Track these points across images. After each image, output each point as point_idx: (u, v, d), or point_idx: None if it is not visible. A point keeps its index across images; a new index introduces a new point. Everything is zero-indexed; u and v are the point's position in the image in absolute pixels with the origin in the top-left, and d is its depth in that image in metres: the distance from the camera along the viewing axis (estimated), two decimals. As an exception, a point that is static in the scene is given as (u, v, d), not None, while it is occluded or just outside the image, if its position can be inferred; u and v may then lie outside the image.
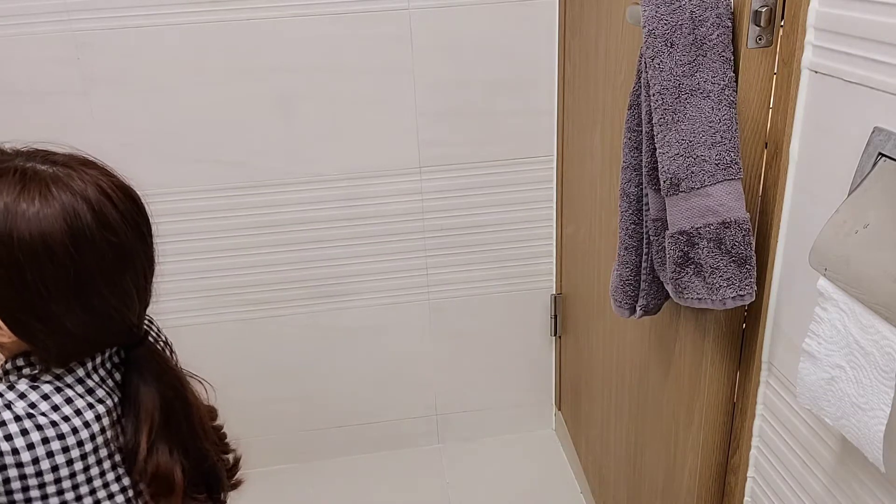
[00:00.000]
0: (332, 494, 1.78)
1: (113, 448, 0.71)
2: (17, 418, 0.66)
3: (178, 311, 1.66)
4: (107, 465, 0.70)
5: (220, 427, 0.88)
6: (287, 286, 1.68)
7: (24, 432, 0.66)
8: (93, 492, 0.69)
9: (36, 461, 0.66)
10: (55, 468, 0.67)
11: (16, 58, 1.42)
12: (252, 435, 1.83)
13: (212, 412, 0.87)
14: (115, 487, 0.71)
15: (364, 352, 1.78)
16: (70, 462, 0.68)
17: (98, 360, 0.73)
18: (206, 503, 0.81)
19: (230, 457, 0.89)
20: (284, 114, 1.53)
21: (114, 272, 0.69)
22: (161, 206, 1.57)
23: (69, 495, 0.68)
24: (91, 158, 0.73)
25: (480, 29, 1.51)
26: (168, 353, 0.87)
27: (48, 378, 0.70)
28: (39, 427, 0.67)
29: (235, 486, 0.89)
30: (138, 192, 0.74)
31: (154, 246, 0.75)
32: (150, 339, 0.79)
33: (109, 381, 0.74)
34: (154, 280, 0.76)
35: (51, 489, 0.67)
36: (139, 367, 0.75)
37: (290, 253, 1.65)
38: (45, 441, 0.66)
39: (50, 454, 0.66)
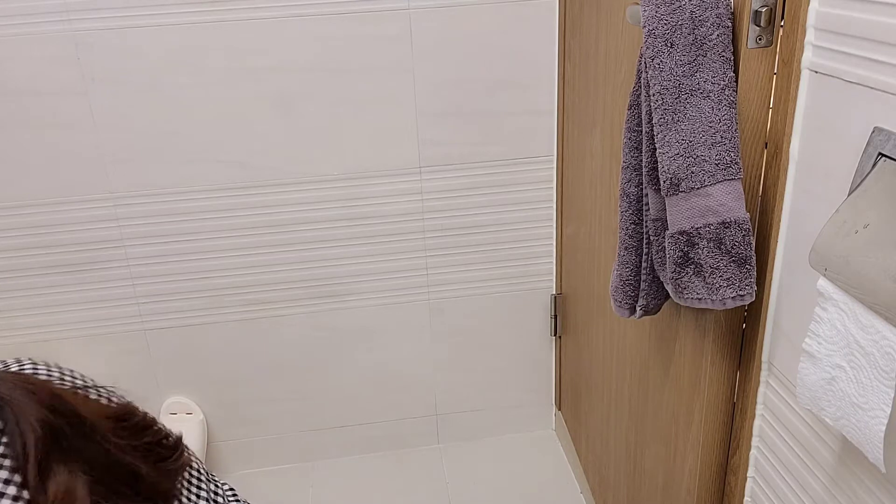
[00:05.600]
0: (332, 494, 1.78)
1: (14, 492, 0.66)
2: None
3: (178, 311, 1.66)
4: None
5: (140, 423, 0.83)
6: (287, 286, 1.68)
7: None
8: None
9: None
10: None
11: (16, 58, 1.42)
12: (252, 435, 1.83)
13: (124, 412, 0.82)
14: None
15: (364, 352, 1.78)
16: None
17: None
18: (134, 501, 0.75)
19: (171, 439, 0.84)
20: (284, 114, 1.53)
21: None
22: (161, 206, 1.57)
23: None
24: None
25: (480, 29, 1.51)
26: (44, 372, 0.82)
27: None
28: None
29: (182, 467, 0.83)
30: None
31: None
32: (13, 369, 0.72)
33: None
34: None
35: None
36: (5, 401, 0.69)
37: (290, 253, 1.65)
38: None
39: None
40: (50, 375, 0.80)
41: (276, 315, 1.70)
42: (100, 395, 0.80)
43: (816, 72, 0.74)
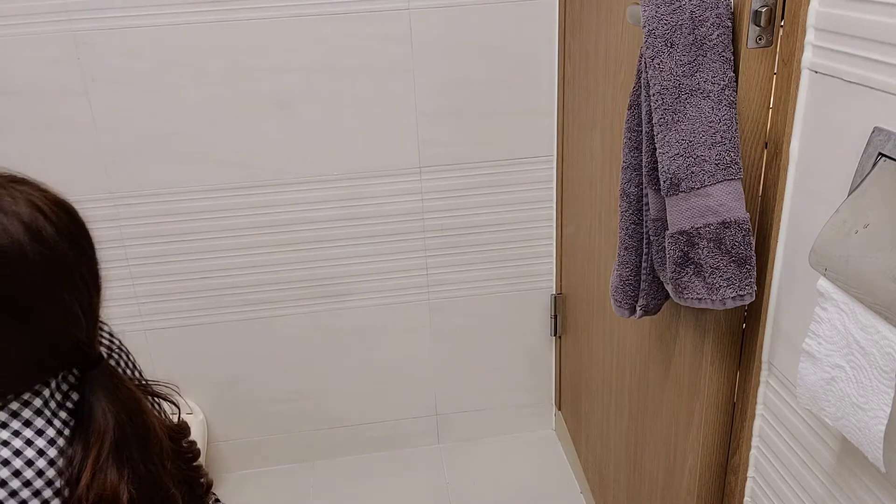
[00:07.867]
0: (332, 494, 1.78)
1: (60, 484, 0.67)
2: None
3: (179, 310, 1.66)
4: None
5: (189, 448, 0.82)
6: (287, 286, 1.68)
7: None
8: None
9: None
10: None
11: (16, 58, 1.42)
12: (252, 435, 1.83)
13: (179, 430, 0.81)
14: None
15: (364, 351, 1.78)
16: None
17: (53, 384, 0.69)
18: None
19: (203, 481, 0.84)
20: (284, 114, 1.53)
21: (52, 289, 0.66)
22: (161, 206, 1.57)
23: None
24: (21, 175, 0.69)
25: (480, 29, 1.51)
26: (125, 364, 0.81)
27: (4, 417, 0.66)
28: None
29: None
30: (75, 207, 0.72)
31: (97, 259, 0.72)
32: (107, 355, 0.74)
33: (68, 405, 0.70)
34: (101, 295, 0.73)
35: None
36: (94, 389, 0.71)
37: (290, 253, 1.65)
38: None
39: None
40: (111, 348, 0.79)
41: (276, 315, 1.70)
42: (158, 395, 0.80)
43: (816, 72, 0.74)
